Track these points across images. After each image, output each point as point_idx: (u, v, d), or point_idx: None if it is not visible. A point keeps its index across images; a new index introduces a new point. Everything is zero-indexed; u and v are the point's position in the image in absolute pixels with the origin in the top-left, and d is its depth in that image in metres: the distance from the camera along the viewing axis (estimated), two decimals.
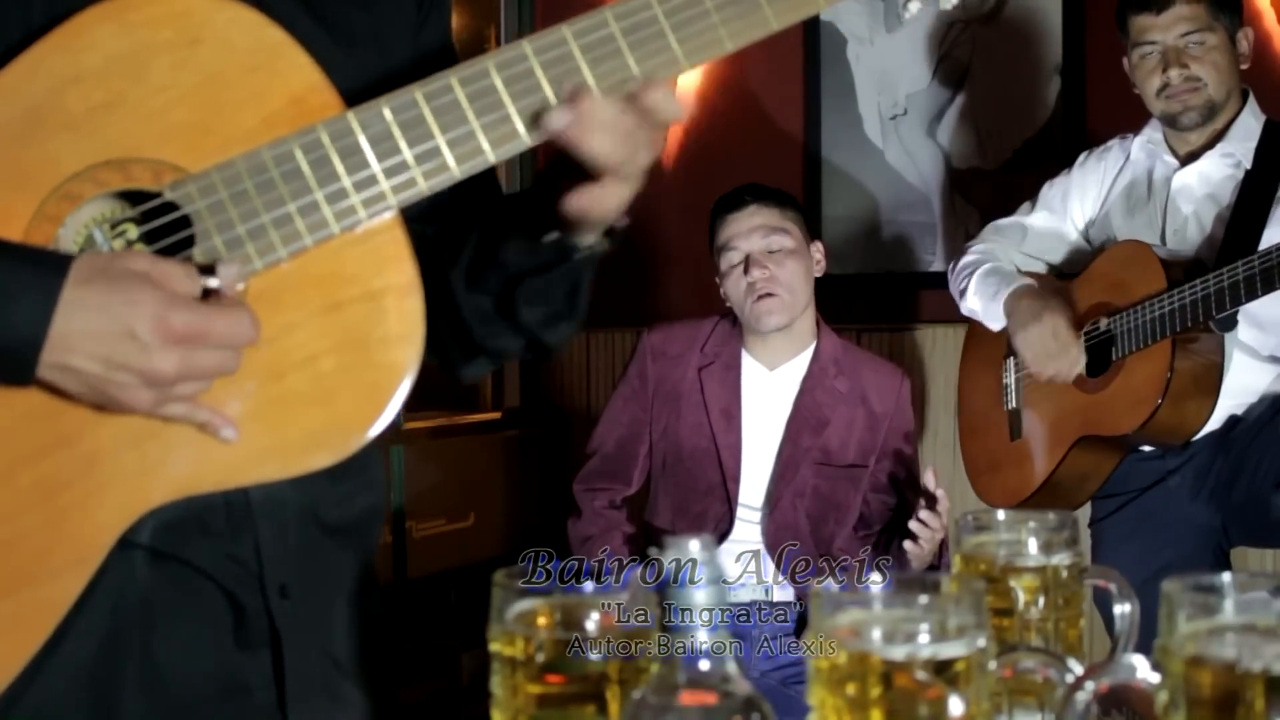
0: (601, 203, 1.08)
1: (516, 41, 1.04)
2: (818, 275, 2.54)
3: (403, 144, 1.03)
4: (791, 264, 2.47)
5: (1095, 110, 3.41)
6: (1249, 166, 2.43)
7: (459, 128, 1.03)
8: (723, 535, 2.46)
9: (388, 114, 1.03)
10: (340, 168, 1.02)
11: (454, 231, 1.21)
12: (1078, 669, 0.84)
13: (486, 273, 1.20)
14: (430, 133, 1.03)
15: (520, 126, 1.04)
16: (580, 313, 1.24)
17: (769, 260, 2.46)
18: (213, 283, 0.99)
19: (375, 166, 1.03)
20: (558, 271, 1.17)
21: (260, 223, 1.01)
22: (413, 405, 1.07)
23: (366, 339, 1.04)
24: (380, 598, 1.31)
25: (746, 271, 2.45)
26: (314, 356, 1.03)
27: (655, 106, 1.04)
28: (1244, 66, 2.48)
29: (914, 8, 1.13)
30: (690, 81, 3.68)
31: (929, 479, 2.28)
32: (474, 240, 1.20)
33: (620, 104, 1.03)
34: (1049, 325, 2.49)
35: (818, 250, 2.54)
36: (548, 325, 1.24)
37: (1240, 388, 2.43)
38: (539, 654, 0.81)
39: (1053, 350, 2.50)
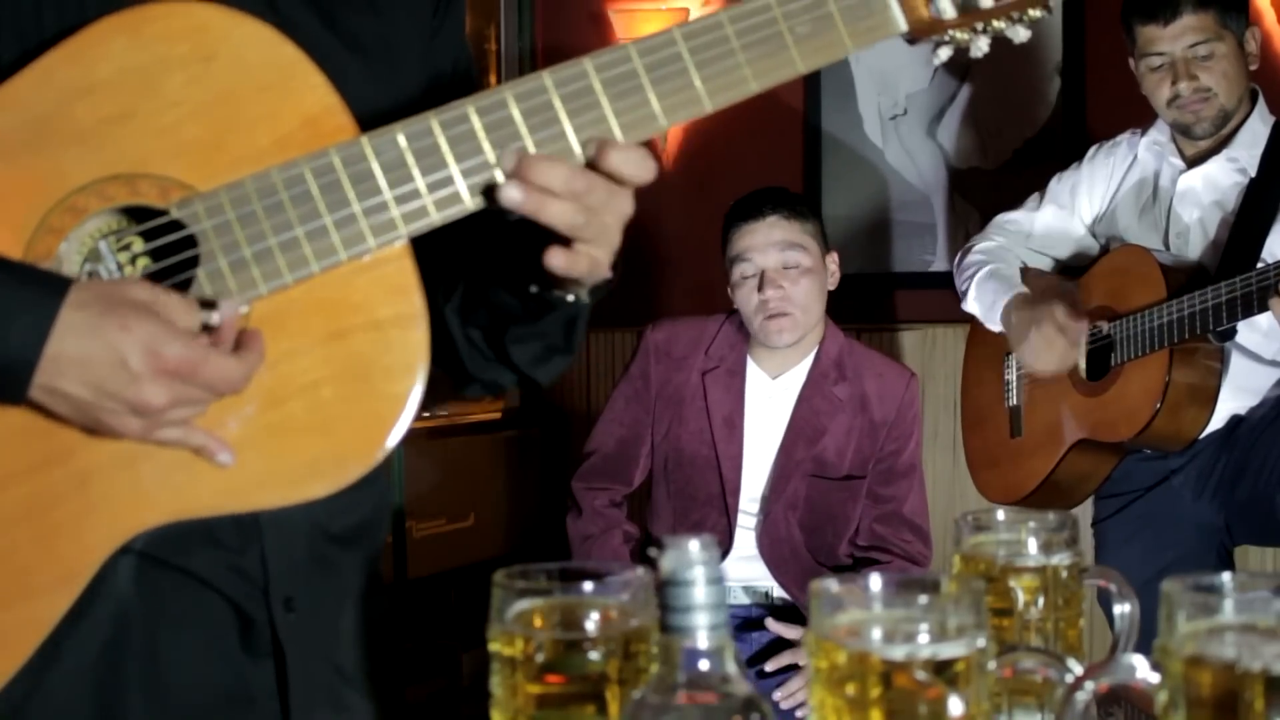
0: (574, 266, 1.05)
1: (536, 73, 1.02)
2: (831, 288, 2.48)
3: (416, 172, 1.01)
4: (806, 282, 2.40)
5: (1095, 110, 3.41)
6: (1254, 174, 2.42)
7: (474, 158, 1.01)
8: (725, 551, 2.44)
9: (402, 140, 1.01)
10: (351, 193, 1.01)
11: (451, 262, 1.20)
12: (1078, 669, 0.84)
13: (478, 310, 1.19)
14: (444, 161, 1.01)
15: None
16: (575, 347, 1.23)
17: (784, 278, 2.39)
18: (213, 319, 0.98)
19: (387, 194, 1.01)
20: (547, 319, 1.15)
21: (267, 246, 1.00)
22: None
23: (369, 369, 1.03)
24: (385, 600, 1.31)
25: (761, 289, 2.39)
26: (315, 384, 1.02)
27: (617, 170, 1.01)
28: (1253, 67, 2.46)
29: (945, 54, 1.12)
30: None
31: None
32: (467, 275, 1.19)
33: (568, 169, 1.00)
34: (1045, 333, 2.47)
35: (833, 261, 2.47)
36: (540, 362, 1.23)
37: (1242, 389, 2.43)
38: (539, 654, 0.81)
39: (1048, 359, 2.49)
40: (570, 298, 1.12)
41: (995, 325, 2.62)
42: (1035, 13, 1.09)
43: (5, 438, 0.98)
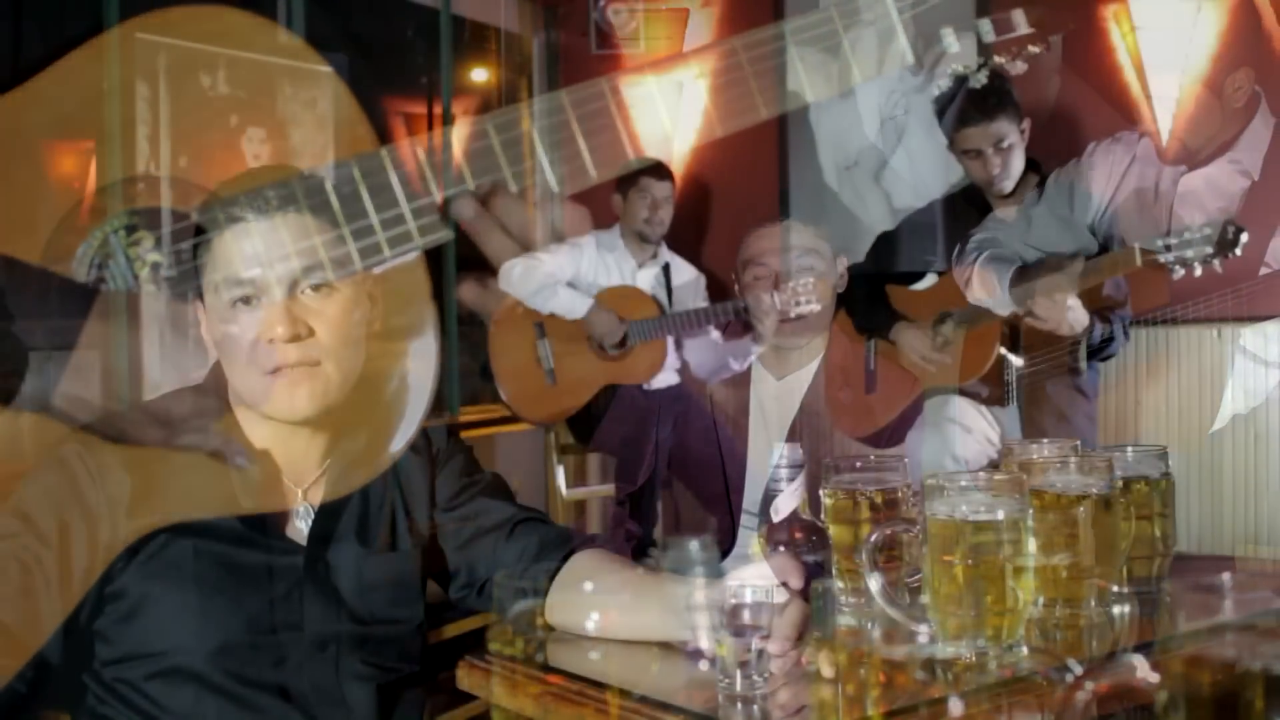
0: (485, 302, 1.08)
1: (555, 92, 1.04)
2: (840, 290, 2.52)
3: (433, 185, 1.02)
4: (819, 286, 2.45)
5: (1094, 110, 3.41)
6: (1257, 177, 2.42)
7: (490, 174, 1.03)
8: (727, 549, 2.45)
9: (420, 154, 1.02)
10: (370, 205, 1.02)
11: None
12: (1078, 669, 0.84)
13: None
14: (461, 177, 1.02)
15: (550, 176, 1.04)
16: None
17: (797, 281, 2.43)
18: None
19: (404, 206, 1.02)
20: None
21: (285, 254, 1.01)
22: None
23: (382, 375, 1.05)
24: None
25: (775, 290, 2.43)
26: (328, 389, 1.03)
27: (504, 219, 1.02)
28: (1238, 105, 2.45)
29: (944, 84, 1.15)
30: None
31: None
32: None
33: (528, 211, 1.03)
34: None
35: (842, 264, 2.52)
36: None
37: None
38: (539, 654, 0.81)
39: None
40: None
41: (1004, 305, 2.64)
42: (1035, 49, 1.12)
43: None
